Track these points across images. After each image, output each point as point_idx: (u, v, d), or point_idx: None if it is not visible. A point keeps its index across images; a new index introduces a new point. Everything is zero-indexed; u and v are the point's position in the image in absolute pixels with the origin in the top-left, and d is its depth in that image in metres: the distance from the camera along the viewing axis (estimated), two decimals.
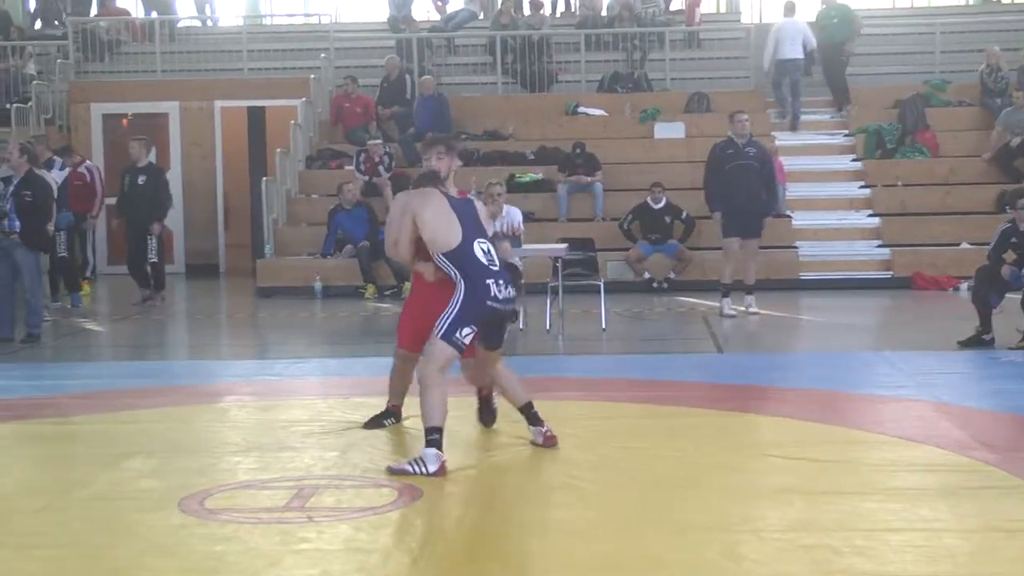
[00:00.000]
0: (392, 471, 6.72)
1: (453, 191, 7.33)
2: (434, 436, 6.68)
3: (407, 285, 16.06)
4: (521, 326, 12.85)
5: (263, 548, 5.48)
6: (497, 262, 7.02)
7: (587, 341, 12.46)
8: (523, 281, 12.96)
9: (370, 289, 16.40)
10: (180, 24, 23.22)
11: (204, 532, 5.71)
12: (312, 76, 20.10)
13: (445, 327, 6.76)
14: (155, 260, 15.73)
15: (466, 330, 6.79)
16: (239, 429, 8.16)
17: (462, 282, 6.85)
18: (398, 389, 7.94)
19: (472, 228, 7.03)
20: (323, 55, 20.90)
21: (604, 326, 12.91)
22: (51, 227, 13.16)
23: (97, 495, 6.35)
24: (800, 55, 19.02)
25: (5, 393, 9.72)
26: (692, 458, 7.11)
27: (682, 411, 8.53)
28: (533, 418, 7.37)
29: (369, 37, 22.38)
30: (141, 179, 15.60)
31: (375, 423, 7.94)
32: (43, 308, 13.25)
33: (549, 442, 7.28)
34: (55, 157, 15.72)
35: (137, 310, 15.31)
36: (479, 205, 7.40)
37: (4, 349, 12.08)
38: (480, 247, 6.97)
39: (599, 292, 13.13)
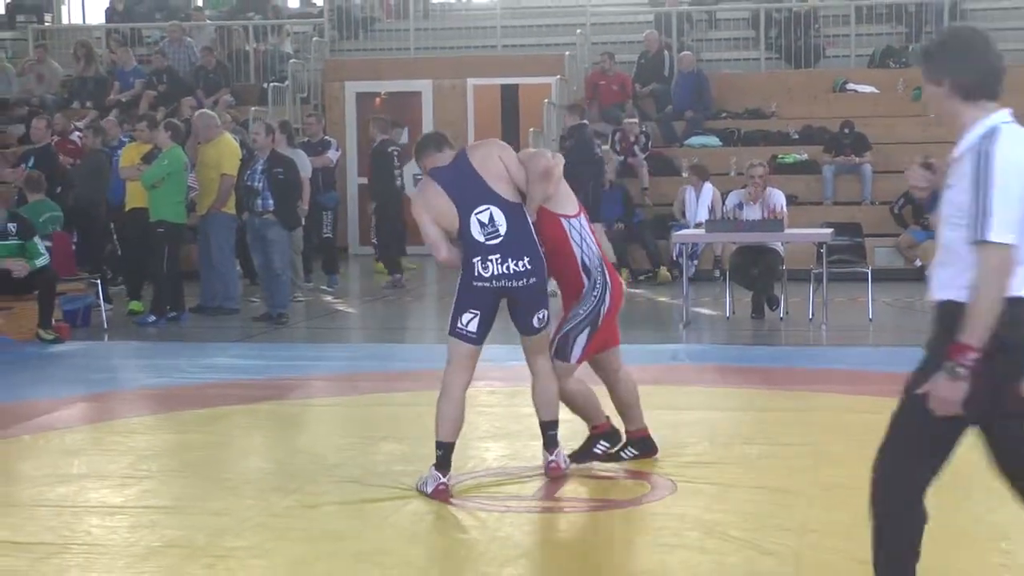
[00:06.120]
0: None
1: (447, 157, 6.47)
2: (439, 452, 6.23)
3: (662, 270, 16.20)
4: (782, 315, 12.67)
5: (513, 538, 5.54)
6: (500, 230, 6.25)
7: (852, 332, 12.19)
8: (784, 267, 12.79)
9: (623, 273, 16.39)
10: (434, 0, 23.67)
11: (452, 519, 5.79)
12: (567, 53, 20.19)
13: (449, 320, 6.36)
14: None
15: (465, 316, 6.30)
16: (488, 415, 8.28)
17: (463, 266, 6.35)
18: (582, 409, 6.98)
19: (472, 198, 6.29)
20: (579, 31, 20.99)
21: (871, 316, 12.61)
22: (304, 206, 13.70)
23: (350, 478, 6.52)
24: None
25: (259, 373, 10.12)
26: (965, 457, 6.85)
27: None
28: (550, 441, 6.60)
29: (627, 12, 22.38)
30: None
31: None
32: (292, 288, 13.73)
33: (552, 472, 6.47)
34: (329, 138, 16.22)
35: (388, 292, 15.70)
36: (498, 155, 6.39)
37: (257, 329, 12.56)
38: (478, 219, 6.26)
39: (866, 280, 12.82)
